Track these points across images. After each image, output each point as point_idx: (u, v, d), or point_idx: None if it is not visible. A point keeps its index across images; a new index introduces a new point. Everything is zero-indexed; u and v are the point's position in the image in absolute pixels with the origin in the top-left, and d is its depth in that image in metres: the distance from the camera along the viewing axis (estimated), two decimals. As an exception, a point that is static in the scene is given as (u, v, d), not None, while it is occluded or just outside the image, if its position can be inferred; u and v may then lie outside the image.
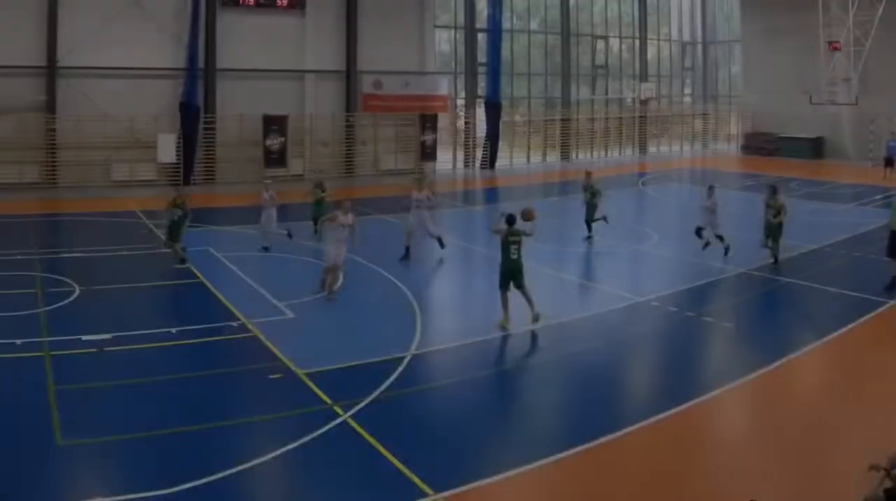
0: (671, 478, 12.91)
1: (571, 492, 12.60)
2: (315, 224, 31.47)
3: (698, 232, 29.07)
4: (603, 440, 13.93)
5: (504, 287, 20.50)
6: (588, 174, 33.25)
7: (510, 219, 20.62)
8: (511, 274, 20.40)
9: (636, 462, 13.50)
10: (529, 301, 20.53)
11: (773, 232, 27.13)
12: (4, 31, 43.75)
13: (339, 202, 24.44)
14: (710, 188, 29.70)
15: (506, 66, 61.66)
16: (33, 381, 16.13)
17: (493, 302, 20.44)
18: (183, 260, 26.64)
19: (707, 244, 28.62)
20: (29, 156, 45.12)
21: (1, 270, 24.92)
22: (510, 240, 20.41)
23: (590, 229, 32.14)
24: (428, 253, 29.52)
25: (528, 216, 21.11)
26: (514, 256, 20.39)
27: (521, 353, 19.40)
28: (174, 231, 26.75)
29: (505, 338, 19.57)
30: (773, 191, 27.51)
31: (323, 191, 32.25)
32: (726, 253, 28.22)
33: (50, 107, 45.52)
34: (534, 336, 19.96)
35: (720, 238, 28.53)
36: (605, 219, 32.49)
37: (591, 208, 32.04)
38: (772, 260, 27.34)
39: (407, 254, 27.90)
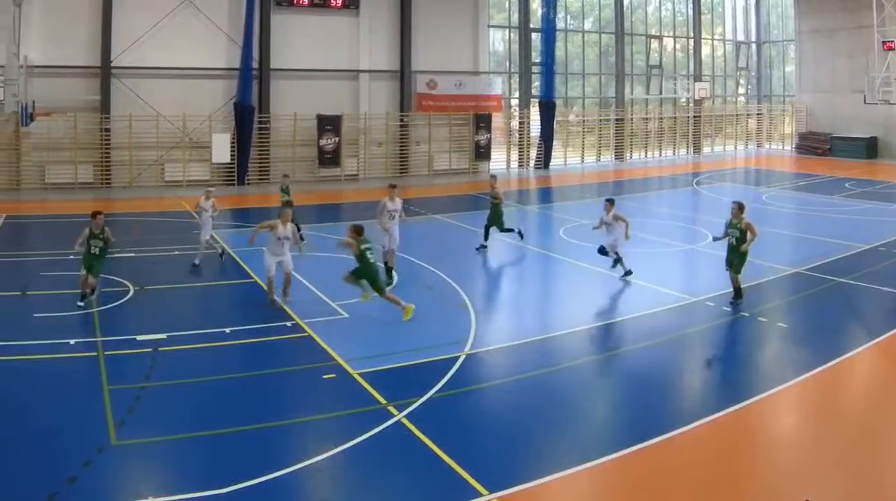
0: (725, 478, 12.61)
1: (625, 492, 12.31)
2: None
3: (601, 251, 25.16)
4: (657, 440, 13.58)
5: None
6: (493, 177, 30.68)
7: (358, 230, 20.53)
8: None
9: (690, 463, 13.16)
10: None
11: (733, 259, 21.77)
12: (60, 32, 42.96)
13: (282, 211, 23.02)
14: (608, 201, 25.74)
15: (560, 66, 59.85)
16: (87, 381, 15.90)
17: (548, 302, 20.87)
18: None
19: (617, 261, 24.92)
20: (83, 156, 44.18)
21: (55, 270, 24.31)
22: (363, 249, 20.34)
23: (486, 237, 29.14)
24: (472, 254, 28.79)
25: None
26: (372, 260, 20.52)
27: (576, 353, 18.54)
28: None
29: (559, 338, 19.05)
30: (740, 208, 21.93)
31: (288, 195, 29.82)
32: (625, 274, 24.53)
33: (104, 107, 44.37)
34: (588, 335, 19.49)
35: (616, 257, 24.81)
36: (520, 233, 29.66)
37: (495, 215, 28.92)
38: (733, 295, 21.99)
39: (389, 275, 24.26)
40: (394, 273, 24.16)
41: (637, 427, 14.05)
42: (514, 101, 60.11)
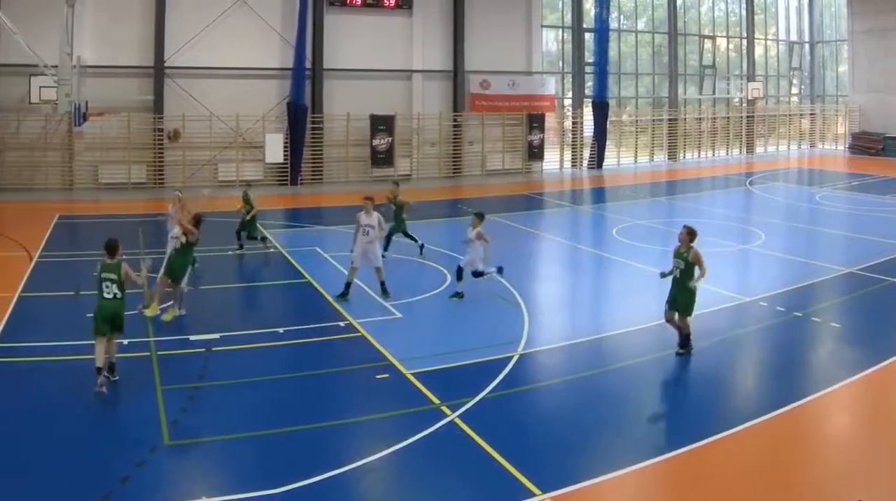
0: (778, 478, 12.20)
1: (678, 493, 11.97)
2: (238, 237, 27.39)
3: (472, 274, 21.89)
4: (710, 440, 13.24)
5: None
6: (395, 185, 28.10)
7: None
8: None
9: (743, 462, 12.72)
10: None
11: (678, 295, 17.35)
12: (112, 32, 41.96)
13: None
14: (476, 215, 22.18)
15: (613, 66, 57.85)
16: (141, 381, 15.57)
17: (601, 302, 20.36)
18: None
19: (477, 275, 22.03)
20: (136, 156, 43.13)
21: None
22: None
23: (386, 242, 25.99)
24: (525, 254, 28.36)
25: None
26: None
27: (628, 353, 17.86)
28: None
29: (612, 338, 18.58)
30: (689, 234, 17.27)
31: (250, 205, 26.73)
32: (455, 294, 21.96)
33: (157, 107, 43.28)
34: (641, 335, 18.79)
35: (475, 274, 21.67)
36: (421, 247, 26.88)
37: (398, 223, 26.67)
38: (678, 347, 17.56)
39: (346, 292, 21.65)
40: (386, 287, 21.74)
41: (690, 427, 13.75)
42: (568, 101, 58.27)
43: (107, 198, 39.75)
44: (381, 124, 48.23)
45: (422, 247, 26.90)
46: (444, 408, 14.29)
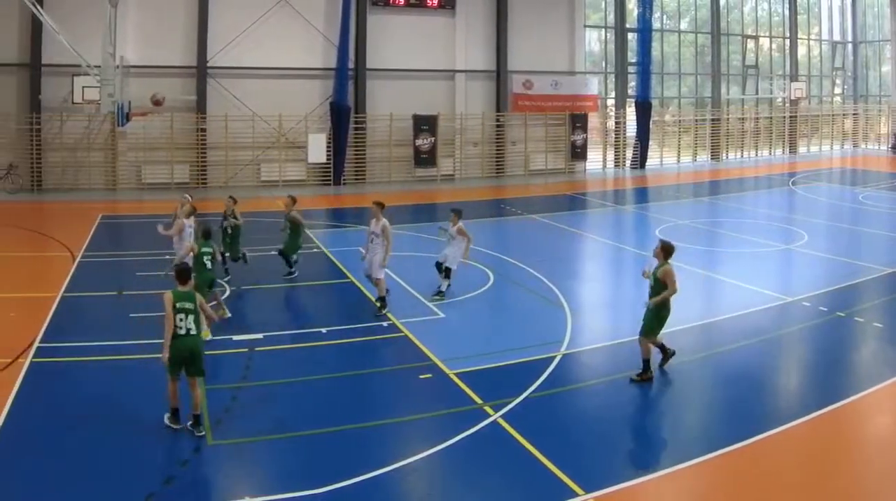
0: (822, 478, 11.91)
1: (722, 493, 11.63)
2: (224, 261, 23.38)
3: (438, 267, 21.37)
4: (753, 439, 12.81)
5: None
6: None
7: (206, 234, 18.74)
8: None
9: (786, 462, 12.39)
10: None
11: (647, 318, 15.49)
12: (155, 32, 41.09)
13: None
14: (454, 212, 21.68)
15: (656, 66, 56.20)
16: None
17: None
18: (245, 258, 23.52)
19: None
20: (179, 156, 42.15)
21: (151, 269, 23.13)
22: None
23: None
24: (568, 254, 28.07)
25: None
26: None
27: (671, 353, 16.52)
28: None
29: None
30: (662, 250, 15.44)
31: (235, 218, 23.38)
32: (437, 292, 21.12)
33: (200, 107, 42.18)
34: (684, 335, 17.78)
35: (445, 271, 21.13)
36: (244, 257, 23.66)
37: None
38: (636, 374, 15.55)
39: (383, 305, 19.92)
40: (385, 301, 19.93)
41: (733, 427, 13.29)
42: (611, 101, 56.58)
43: (150, 198, 38.80)
44: (424, 124, 46.79)
45: (244, 257, 23.60)
46: (487, 408, 13.94)
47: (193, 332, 12.82)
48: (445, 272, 21.10)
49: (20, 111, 39.55)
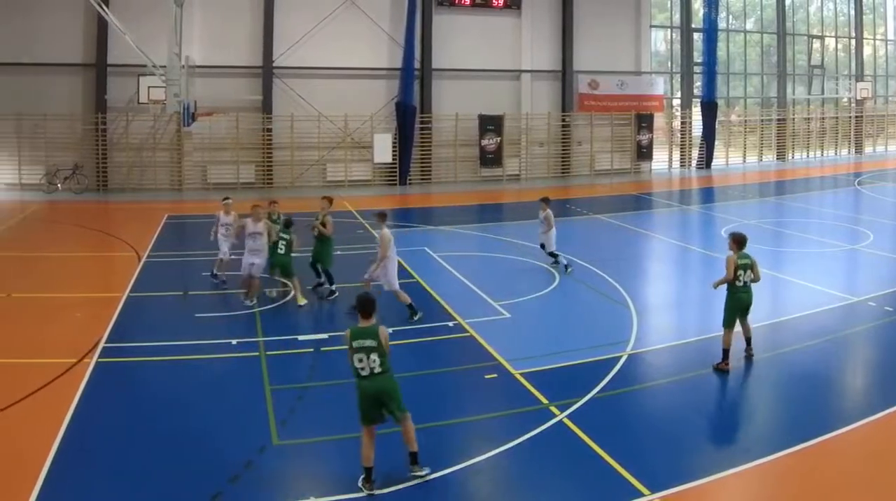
0: (890, 477, 11.18)
1: (788, 492, 10.87)
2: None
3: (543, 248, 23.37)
4: (820, 439, 12.19)
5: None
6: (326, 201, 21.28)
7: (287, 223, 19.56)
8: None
9: (854, 461, 11.75)
10: None
11: (730, 308, 15.26)
12: (221, 32, 39.63)
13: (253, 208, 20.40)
14: (543, 200, 23.61)
15: (722, 66, 52.98)
16: (250, 381, 14.65)
17: (709, 301, 18.10)
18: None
19: (564, 266, 22.91)
20: (245, 156, 40.38)
21: (211, 270, 21.92)
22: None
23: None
24: (634, 254, 26.83)
25: None
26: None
27: (737, 353, 15.89)
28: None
29: (720, 338, 15.89)
30: (736, 241, 15.32)
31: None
32: (566, 270, 22.69)
33: (266, 107, 40.27)
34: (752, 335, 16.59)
35: (552, 255, 23.16)
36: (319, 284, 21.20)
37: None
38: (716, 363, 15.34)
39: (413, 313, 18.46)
40: (414, 307, 18.46)
41: (800, 427, 12.66)
42: (676, 101, 53.56)
43: (215, 199, 36.33)
44: (490, 124, 44.50)
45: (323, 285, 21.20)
46: (553, 408, 13.36)
47: (378, 371, 10.82)
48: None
49: (86, 111, 38.30)
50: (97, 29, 37.27)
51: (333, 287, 20.28)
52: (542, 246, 23.29)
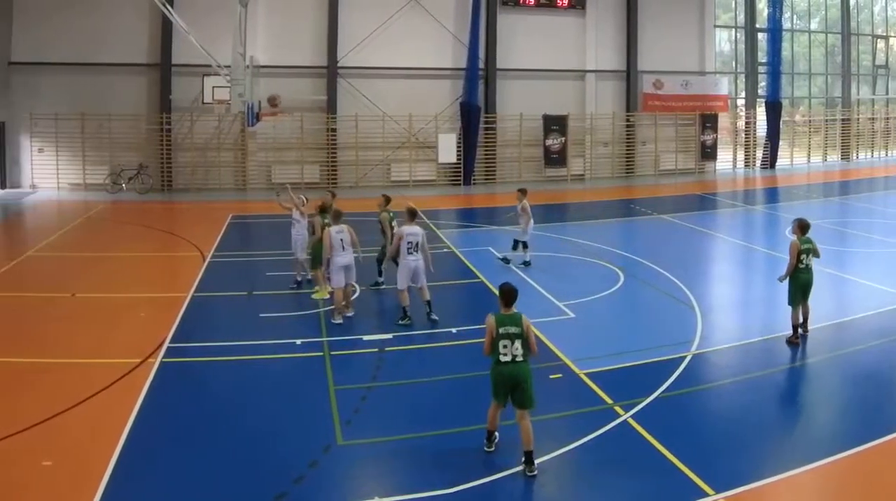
0: None
1: (853, 492, 10.39)
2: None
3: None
4: (884, 439, 11.47)
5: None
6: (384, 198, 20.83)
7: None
8: None
9: None
10: None
11: (793, 289, 15.99)
12: (286, 32, 37.96)
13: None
14: (519, 191, 23.31)
15: (786, 66, 49.82)
16: (314, 381, 14.06)
17: (774, 301, 17.83)
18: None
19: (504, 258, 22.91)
20: (309, 156, 38.46)
21: (280, 270, 21.32)
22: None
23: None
24: (698, 254, 25.84)
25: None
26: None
27: (801, 353, 15.73)
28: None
29: (785, 338, 16.14)
30: (800, 226, 16.35)
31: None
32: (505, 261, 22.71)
33: (330, 107, 38.23)
34: (814, 335, 16.48)
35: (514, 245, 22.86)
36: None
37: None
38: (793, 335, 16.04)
39: (430, 316, 17.56)
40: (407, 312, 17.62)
41: (864, 427, 12.00)
42: (741, 101, 50.56)
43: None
44: (554, 124, 42.01)
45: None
46: (618, 408, 12.86)
47: (519, 359, 10.77)
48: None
49: (150, 111, 36.72)
50: (162, 29, 35.73)
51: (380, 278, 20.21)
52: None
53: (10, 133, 35.98)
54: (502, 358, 10.73)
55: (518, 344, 10.72)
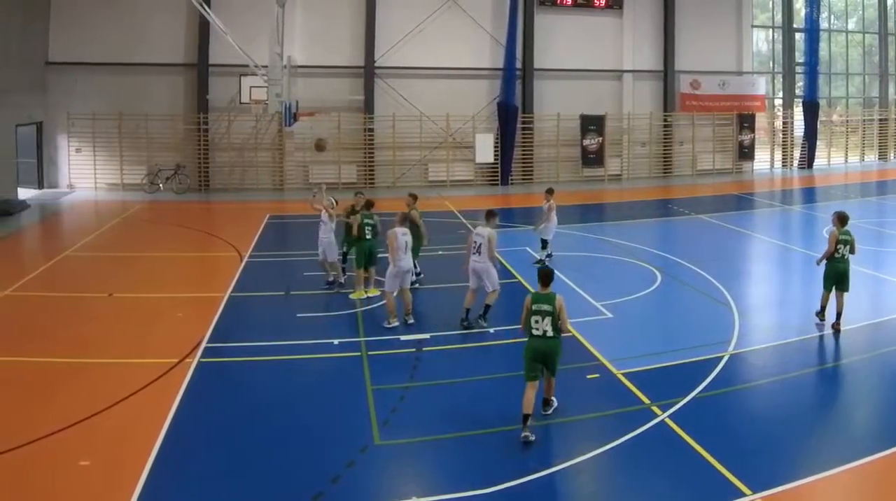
0: None
1: (890, 492, 10.21)
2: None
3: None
4: None
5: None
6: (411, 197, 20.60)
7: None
8: None
9: None
10: None
11: (827, 275, 16.70)
12: (323, 32, 36.96)
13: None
14: (547, 191, 22.86)
15: (823, 66, 48.10)
16: (351, 381, 13.72)
17: (812, 301, 17.38)
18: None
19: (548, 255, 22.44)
20: (346, 156, 37.40)
21: (318, 270, 20.68)
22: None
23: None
24: (736, 253, 25.18)
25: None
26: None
27: (839, 353, 15.52)
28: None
29: (822, 338, 16.08)
30: (839, 218, 16.98)
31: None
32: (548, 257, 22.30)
33: (368, 107, 37.11)
34: (852, 335, 16.10)
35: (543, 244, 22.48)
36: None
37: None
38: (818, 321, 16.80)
39: (485, 314, 16.93)
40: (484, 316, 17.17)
41: None
42: (778, 101, 48.81)
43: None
44: (592, 124, 40.68)
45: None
46: (655, 408, 12.53)
47: (550, 334, 11.61)
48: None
49: (188, 111, 35.74)
50: (199, 29, 34.85)
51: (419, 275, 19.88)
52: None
53: (47, 133, 35.11)
54: (534, 332, 11.54)
55: (548, 320, 11.46)
